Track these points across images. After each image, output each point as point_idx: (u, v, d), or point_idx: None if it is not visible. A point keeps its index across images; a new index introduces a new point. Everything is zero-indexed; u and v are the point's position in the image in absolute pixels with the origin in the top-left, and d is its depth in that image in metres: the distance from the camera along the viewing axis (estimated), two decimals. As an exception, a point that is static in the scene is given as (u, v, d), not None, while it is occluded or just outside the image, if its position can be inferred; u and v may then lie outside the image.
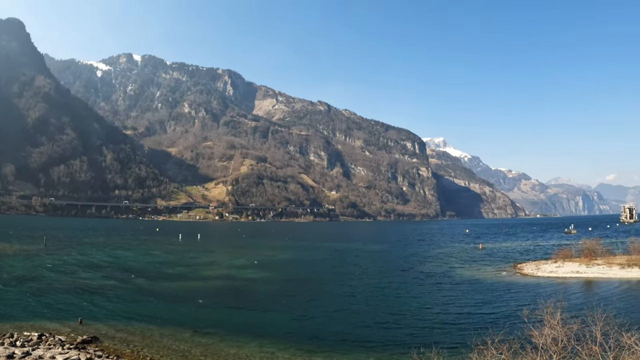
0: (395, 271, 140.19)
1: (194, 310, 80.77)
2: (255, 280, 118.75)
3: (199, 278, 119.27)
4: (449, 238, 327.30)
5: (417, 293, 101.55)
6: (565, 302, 52.34)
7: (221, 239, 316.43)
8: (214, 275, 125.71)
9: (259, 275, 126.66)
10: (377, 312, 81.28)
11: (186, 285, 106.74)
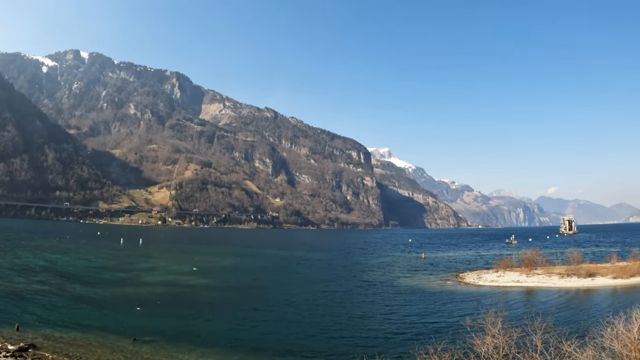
0: (339, 280, 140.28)
1: (134, 317, 79.01)
2: (198, 287, 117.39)
3: (140, 284, 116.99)
4: (392, 247, 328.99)
5: (361, 302, 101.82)
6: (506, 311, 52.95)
7: (163, 244, 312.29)
8: (155, 281, 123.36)
9: (201, 282, 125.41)
10: (320, 321, 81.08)
11: (126, 292, 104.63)
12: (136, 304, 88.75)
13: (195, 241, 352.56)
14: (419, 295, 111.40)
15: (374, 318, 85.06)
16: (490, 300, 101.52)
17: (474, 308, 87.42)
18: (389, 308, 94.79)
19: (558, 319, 65.86)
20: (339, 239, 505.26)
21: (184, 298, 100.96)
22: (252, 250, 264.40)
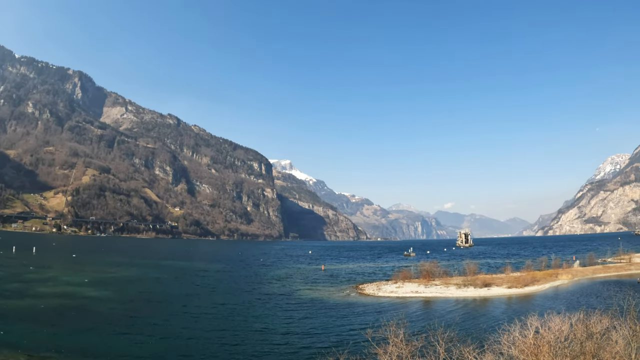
0: (239, 292, 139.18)
1: (28, 332, 75.43)
2: (95, 299, 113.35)
3: (34, 296, 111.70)
4: (292, 259, 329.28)
5: (262, 314, 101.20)
6: (407, 321, 54.00)
7: (59, 253, 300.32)
8: (50, 293, 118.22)
9: (98, 294, 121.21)
10: (221, 336, 79.82)
11: (19, 304, 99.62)
12: (30, 318, 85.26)
13: (92, 251, 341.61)
14: (320, 307, 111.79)
15: (275, 331, 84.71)
16: (390, 311, 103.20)
17: (375, 319, 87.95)
18: (290, 321, 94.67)
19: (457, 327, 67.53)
20: (239, 250, 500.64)
21: (80, 311, 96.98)
22: (151, 261, 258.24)
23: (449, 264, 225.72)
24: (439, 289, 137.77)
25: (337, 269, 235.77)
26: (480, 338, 48.79)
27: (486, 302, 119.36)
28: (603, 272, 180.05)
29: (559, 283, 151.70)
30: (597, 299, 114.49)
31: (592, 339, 37.85)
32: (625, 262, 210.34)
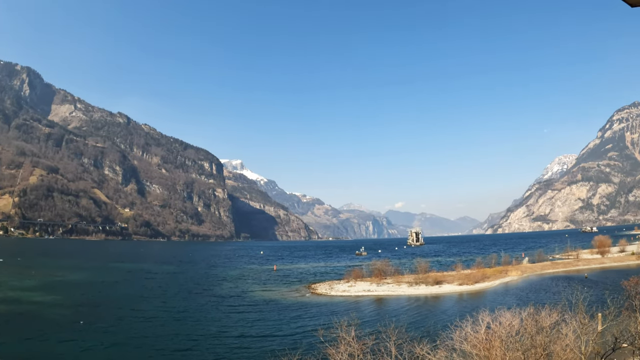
0: (191, 294, 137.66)
1: (-28, 340, 72.70)
2: (44, 304, 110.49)
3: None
4: (244, 259, 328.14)
5: (215, 317, 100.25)
6: (359, 319, 53.91)
7: (5, 257, 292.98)
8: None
9: (47, 299, 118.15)
10: (176, 338, 78.89)
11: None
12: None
13: (39, 254, 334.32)
14: (273, 308, 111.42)
15: (229, 334, 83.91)
16: (343, 310, 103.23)
17: (327, 318, 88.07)
18: (244, 322, 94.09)
19: (410, 324, 67.92)
20: (190, 251, 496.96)
21: (27, 317, 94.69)
22: (100, 264, 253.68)
23: (401, 262, 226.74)
24: (391, 287, 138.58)
25: (289, 269, 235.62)
26: (433, 335, 49.03)
27: (438, 299, 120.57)
28: (552, 268, 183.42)
29: (509, 279, 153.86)
30: (546, 294, 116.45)
31: (543, 332, 38.25)
32: (573, 259, 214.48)
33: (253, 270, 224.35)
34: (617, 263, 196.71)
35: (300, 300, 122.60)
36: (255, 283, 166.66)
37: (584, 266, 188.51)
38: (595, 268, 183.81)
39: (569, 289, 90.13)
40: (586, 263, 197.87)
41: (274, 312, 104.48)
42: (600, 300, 62.37)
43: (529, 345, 36.98)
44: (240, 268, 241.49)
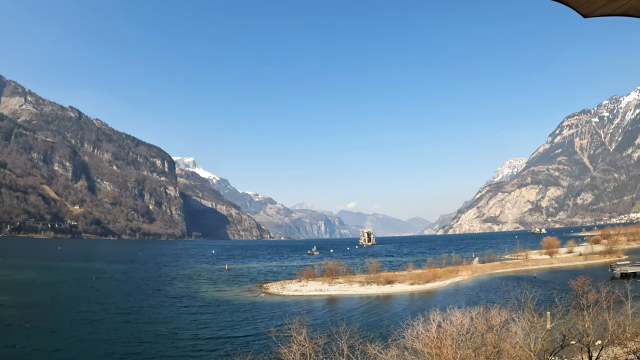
0: (142, 294, 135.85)
1: None
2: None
3: None
4: (196, 259, 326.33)
5: (167, 317, 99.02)
6: (311, 319, 54.03)
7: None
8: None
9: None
10: (127, 340, 77.29)
11: None
12: None
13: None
14: (224, 307, 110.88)
15: (181, 334, 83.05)
16: (295, 309, 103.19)
17: (280, 318, 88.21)
18: (196, 323, 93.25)
19: (362, 323, 68.12)
20: (141, 250, 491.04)
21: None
22: (49, 263, 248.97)
23: (352, 262, 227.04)
24: (343, 287, 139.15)
25: (241, 268, 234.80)
26: (385, 334, 49.32)
27: (389, 299, 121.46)
28: (501, 268, 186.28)
29: (460, 279, 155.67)
30: (496, 293, 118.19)
31: (493, 331, 38.82)
32: (522, 259, 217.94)
33: (205, 270, 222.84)
34: (565, 263, 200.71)
35: (252, 300, 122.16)
36: (207, 283, 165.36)
37: (532, 266, 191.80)
38: (543, 268, 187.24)
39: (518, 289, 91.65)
40: (535, 263, 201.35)
41: (226, 313, 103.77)
42: (549, 300, 63.47)
43: (479, 343, 37.51)
44: (192, 267, 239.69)
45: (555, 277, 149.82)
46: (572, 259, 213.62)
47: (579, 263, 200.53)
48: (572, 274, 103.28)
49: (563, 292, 60.26)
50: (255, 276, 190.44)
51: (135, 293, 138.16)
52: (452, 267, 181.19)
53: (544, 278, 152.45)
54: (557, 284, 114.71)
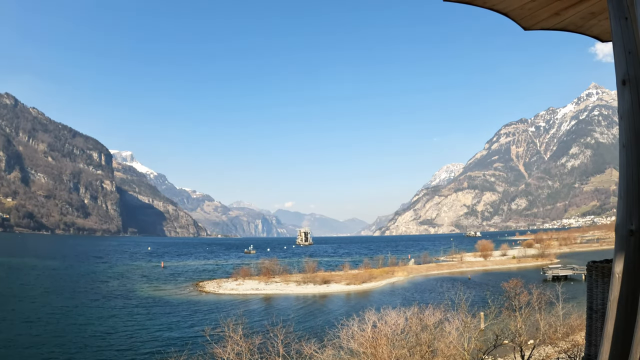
0: (76, 292, 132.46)
1: None
2: None
3: None
4: (131, 255, 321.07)
5: (101, 316, 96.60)
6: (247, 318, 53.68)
7: None
8: None
9: None
10: (60, 341, 74.73)
11: None
12: None
13: None
14: (159, 306, 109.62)
15: (114, 334, 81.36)
16: (231, 308, 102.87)
17: (215, 316, 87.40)
18: (131, 322, 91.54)
19: (298, 323, 68.33)
20: (75, 245, 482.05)
21: None
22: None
23: (289, 261, 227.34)
24: (279, 286, 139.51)
25: (177, 266, 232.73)
26: (320, 333, 49.41)
27: (325, 299, 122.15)
28: (436, 270, 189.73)
29: (395, 280, 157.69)
30: (431, 294, 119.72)
31: (427, 330, 39.31)
32: (457, 261, 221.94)
33: (140, 267, 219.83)
34: (498, 266, 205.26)
35: (188, 298, 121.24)
36: (142, 281, 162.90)
37: (467, 268, 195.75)
38: (478, 270, 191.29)
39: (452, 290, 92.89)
40: (469, 265, 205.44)
41: (161, 312, 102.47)
42: (483, 301, 64.88)
43: (414, 342, 37.98)
44: (127, 264, 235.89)
45: (489, 279, 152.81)
46: (506, 262, 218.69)
47: (512, 266, 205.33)
48: (506, 276, 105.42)
49: (496, 293, 61.52)
50: (191, 274, 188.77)
51: (69, 291, 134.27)
52: (388, 267, 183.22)
53: (478, 280, 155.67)
54: (490, 286, 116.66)
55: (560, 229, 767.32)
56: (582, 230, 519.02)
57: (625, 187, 4.07)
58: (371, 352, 35.65)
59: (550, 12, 8.46)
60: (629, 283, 4.08)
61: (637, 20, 3.94)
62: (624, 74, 4.04)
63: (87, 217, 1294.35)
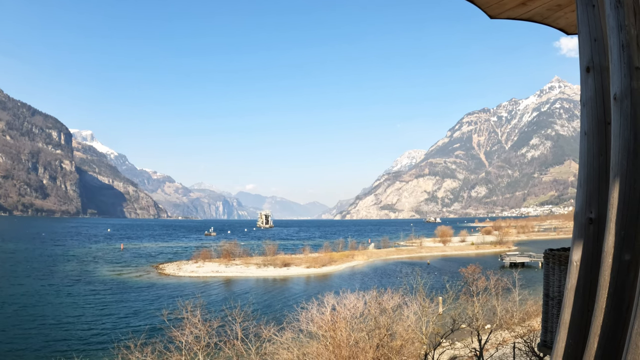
0: (32, 276, 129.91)
1: None
2: None
3: None
4: (90, 238, 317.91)
5: (58, 301, 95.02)
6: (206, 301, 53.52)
7: None
8: None
9: None
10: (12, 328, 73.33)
11: None
12: None
13: None
14: (118, 289, 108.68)
15: (71, 318, 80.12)
16: (190, 291, 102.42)
17: (174, 299, 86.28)
18: (89, 306, 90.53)
19: (257, 306, 68.16)
20: (34, 227, 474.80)
21: None
22: None
23: (250, 244, 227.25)
24: (240, 269, 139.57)
25: (137, 248, 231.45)
26: (280, 316, 49.36)
27: (286, 281, 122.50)
28: (396, 254, 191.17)
29: (355, 264, 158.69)
30: (390, 278, 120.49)
31: (386, 314, 39.51)
32: (416, 246, 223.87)
33: (99, 249, 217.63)
34: (457, 252, 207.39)
35: (147, 281, 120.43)
36: (102, 263, 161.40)
37: (426, 253, 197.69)
38: (437, 256, 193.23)
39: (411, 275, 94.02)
40: (429, 251, 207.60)
41: (120, 294, 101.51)
42: (441, 286, 65.40)
43: (372, 326, 38.20)
44: (86, 247, 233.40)
45: (448, 265, 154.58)
46: (465, 248, 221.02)
47: (470, 252, 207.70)
48: (464, 262, 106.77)
49: (454, 278, 62.16)
50: (151, 256, 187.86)
51: (23, 275, 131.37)
52: (349, 251, 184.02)
53: (437, 265, 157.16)
54: (449, 271, 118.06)
55: (518, 217, 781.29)
56: (540, 219, 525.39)
57: (585, 175, 4.10)
58: (330, 335, 35.77)
59: (517, 1, 8.49)
60: (587, 271, 4.07)
61: (604, 7, 3.98)
62: (589, 61, 4.10)
63: (46, 198, 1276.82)
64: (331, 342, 35.44)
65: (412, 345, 39.78)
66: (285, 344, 38.00)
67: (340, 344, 34.72)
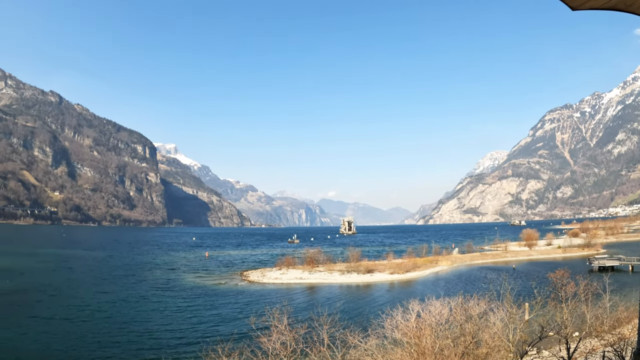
0: (122, 282, 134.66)
1: None
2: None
3: None
4: (176, 246, 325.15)
5: (147, 307, 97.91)
6: (292, 307, 54.09)
7: None
8: None
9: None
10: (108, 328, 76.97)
11: None
12: None
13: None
14: (204, 296, 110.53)
15: (161, 324, 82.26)
16: (275, 297, 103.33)
17: (260, 306, 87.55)
18: (177, 312, 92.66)
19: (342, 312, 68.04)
20: (122, 237, 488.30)
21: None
22: (27, 249, 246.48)
23: (333, 250, 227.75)
24: (323, 275, 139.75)
25: (221, 255, 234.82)
26: (365, 323, 49.36)
27: (369, 288, 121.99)
28: (481, 259, 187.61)
29: (439, 269, 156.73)
30: (475, 284, 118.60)
31: (471, 321, 39.10)
32: (501, 250, 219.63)
33: (185, 257, 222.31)
34: (543, 256, 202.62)
35: (232, 288, 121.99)
36: (188, 270, 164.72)
37: (512, 258, 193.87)
38: (522, 260, 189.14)
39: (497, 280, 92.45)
40: (514, 255, 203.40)
41: (206, 301, 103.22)
42: (528, 291, 64.05)
43: (458, 333, 37.86)
44: (172, 255, 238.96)
45: (534, 269, 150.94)
46: (551, 252, 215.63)
47: (557, 256, 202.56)
48: (551, 266, 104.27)
49: (542, 284, 60.61)
50: (236, 264, 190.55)
51: (115, 282, 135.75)
52: (432, 257, 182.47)
53: (523, 270, 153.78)
54: (535, 276, 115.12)
55: (606, 218, 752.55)
56: (629, 220, 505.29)
57: None
58: (415, 342, 35.65)
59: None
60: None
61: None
62: None
63: (133, 209, 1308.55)
64: (416, 349, 35.33)
65: (498, 353, 39.18)
66: (369, 350, 38.11)
67: (425, 351, 34.56)
